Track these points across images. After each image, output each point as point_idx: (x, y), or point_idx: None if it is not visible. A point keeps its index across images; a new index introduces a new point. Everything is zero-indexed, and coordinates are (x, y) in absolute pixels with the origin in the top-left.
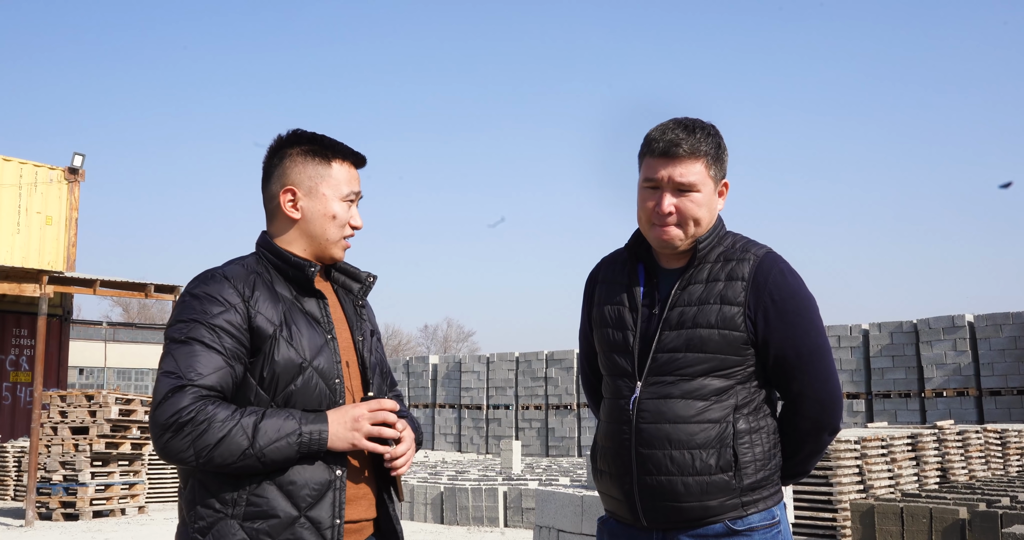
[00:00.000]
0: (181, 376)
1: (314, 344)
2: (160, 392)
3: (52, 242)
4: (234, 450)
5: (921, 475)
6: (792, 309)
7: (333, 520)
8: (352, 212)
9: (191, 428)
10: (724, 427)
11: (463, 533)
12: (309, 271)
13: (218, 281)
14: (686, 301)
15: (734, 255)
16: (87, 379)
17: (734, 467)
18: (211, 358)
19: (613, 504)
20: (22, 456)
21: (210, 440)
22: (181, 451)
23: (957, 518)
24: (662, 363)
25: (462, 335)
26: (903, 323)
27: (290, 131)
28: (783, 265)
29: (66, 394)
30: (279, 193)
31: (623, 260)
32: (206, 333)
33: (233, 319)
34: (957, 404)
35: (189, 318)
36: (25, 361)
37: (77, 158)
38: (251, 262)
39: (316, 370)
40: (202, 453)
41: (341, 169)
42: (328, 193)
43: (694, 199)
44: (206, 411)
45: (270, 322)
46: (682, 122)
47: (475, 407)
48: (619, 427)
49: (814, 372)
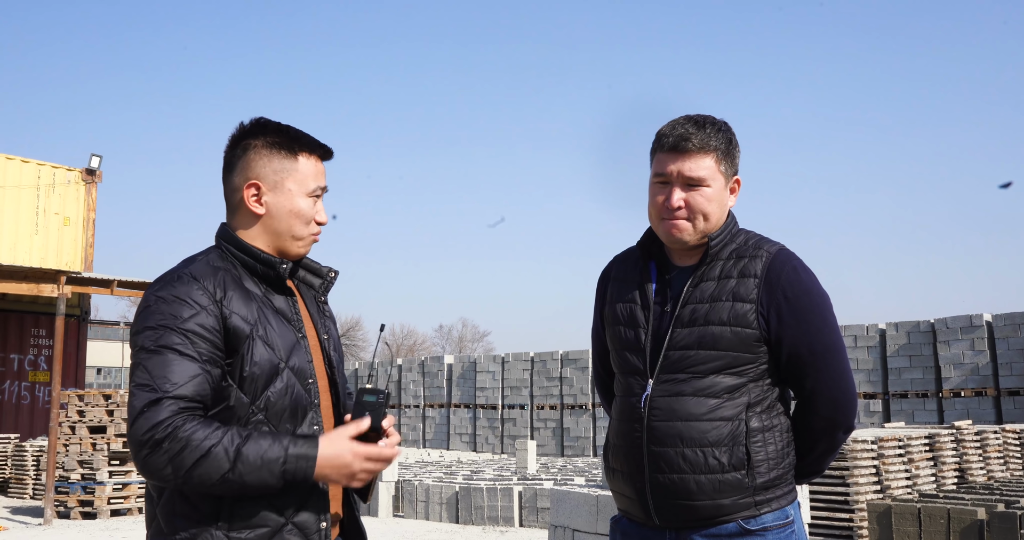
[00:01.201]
0: (155, 388)
1: (287, 342)
2: (135, 407)
3: (70, 243)
4: (213, 472)
5: (939, 475)
6: (805, 306)
7: (319, 524)
8: (318, 207)
9: (169, 445)
10: (736, 425)
11: (478, 533)
12: (281, 269)
13: (185, 282)
14: (698, 298)
15: (747, 252)
16: (104, 379)
17: (747, 465)
18: (185, 366)
19: (626, 503)
20: (40, 455)
21: (189, 459)
22: (160, 469)
23: (975, 519)
24: (674, 360)
25: (477, 335)
26: (920, 323)
27: (254, 120)
28: (796, 262)
29: (84, 394)
30: (243, 187)
31: (635, 258)
32: (177, 339)
33: (206, 322)
34: (975, 404)
35: (158, 324)
36: (43, 361)
37: (94, 159)
38: (215, 258)
39: (292, 370)
40: (180, 471)
41: (308, 163)
42: (294, 188)
43: (704, 194)
44: (184, 427)
45: (245, 321)
46: (693, 118)
47: (490, 407)
48: (631, 425)
49: (828, 370)
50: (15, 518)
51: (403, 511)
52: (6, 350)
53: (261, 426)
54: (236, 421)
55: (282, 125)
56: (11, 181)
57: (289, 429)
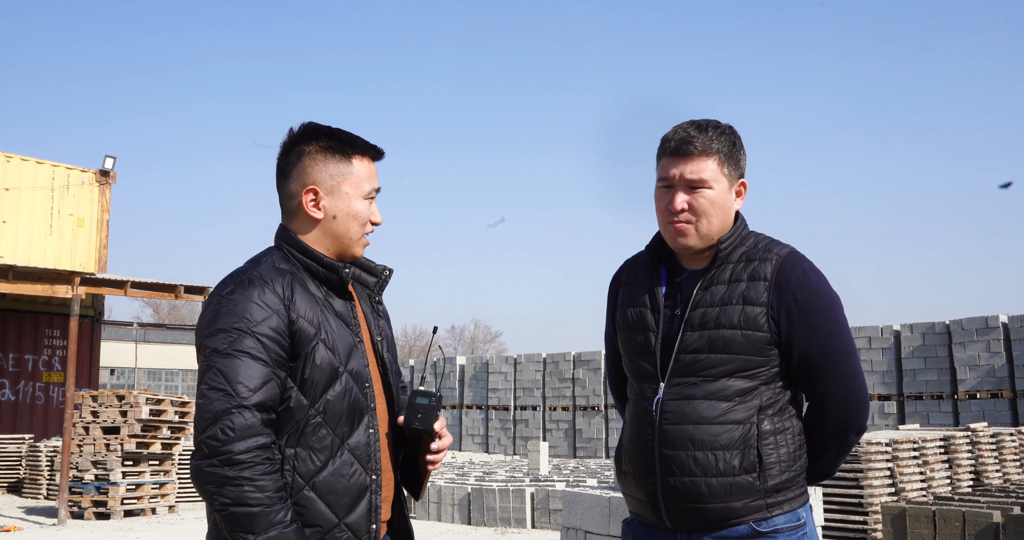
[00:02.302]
0: (232, 393)
1: (346, 346)
2: (211, 411)
3: (84, 244)
4: (242, 522)
5: (954, 478)
6: (816, 309)
7: (369, 525)
8: (372, 209)
9: (234, 473)
10: (748, 428)
11: (490, 534)
12: (344, 273)
13: (256, 284)
14: (708, 302)
15: (756, 255)
16: (118, 379)
17: (758, 468)
18: (259, 370)
19: (637, 506)
20: (55, 455)
21: (240, 499)
22: (209, 483)
23: (991, 522)
24: (685, 364)
25: (489, 336)
26: (935, 324)
27: (303, 125)
28: (806, 264)
29: (98, 394)
30: (301, 192)
31: (645, 262)
32: (251, 343)
33: (276, 325)
34: (991, 406)
35: (232, 327)
36: (57, 361)
37: (108, 160)
38: (279, 259)
39: (350, 374)
40: (220, 498)
41: (361, 165)
42: (350, 191)
43: (707, 196)
44: (258, 469)
45: (311, 324)
46: (696, 122)
47: (502, 408)
48: (642, 428)
49: (839, 372)
50: (29, 518)
51: (415, 512)
52: (20, 351)
53: (320, 429)
54: (295, 423)
55: (333, 129)
56: (26, 182)
57: (346, 432)
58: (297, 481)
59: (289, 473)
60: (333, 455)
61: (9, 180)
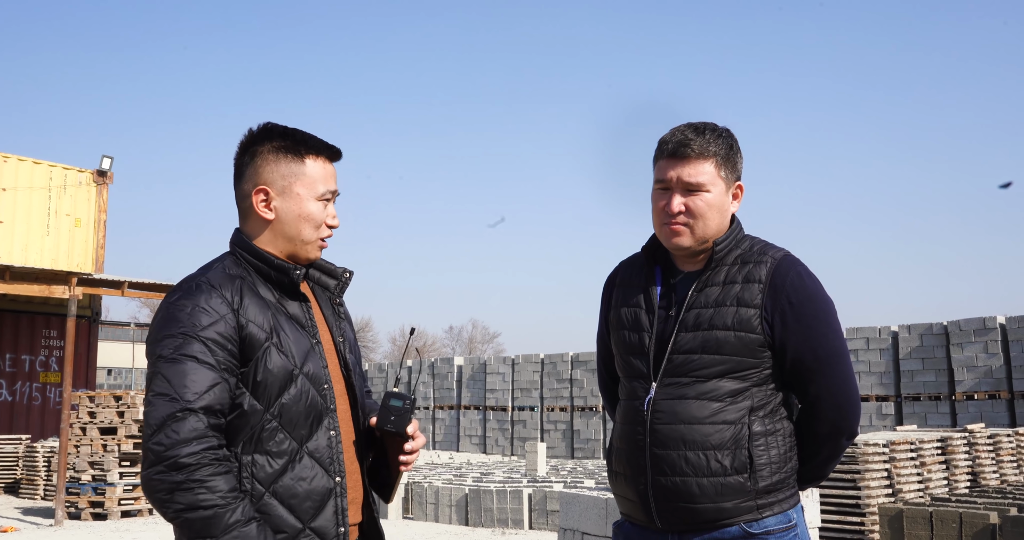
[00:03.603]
0: (177, 398)
1: (301, 349)
2: (157, 417)
3: (81, 244)
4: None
5: (951, 479)
6: (810, 312)
7: (337, 528)
8: (328, 210)
9: (183, 477)
10: (739, 428)
11: (488, 535)
12: (295, 275)
13: (204, 290)
14: (703, 303)
15: (751, 258)
16: (115, 380)
17: (749, 469)
18: (205, 375)
19: (628, 506)
20: (52, 456)
21: (192, 503)
22: (159, 491)
23: (988, 523)
24: (677, 364)
25: (487, 336)
26: (933, 325)
27: (261, 125)
28: (800, 268)
29: (95, 395)
30: (251, 193)
31: (641, 263)
32: (197, 347)
33: (224, 330)
34: (988, 407)
35: (178, 332)
36: (54, 362)
37: (105, 160)
38: (230, 265)
39: (306, 376)
40: (173, 504)
41: (315, 166)
42: (303, 192)
43: (704, 198)
44: (207, 471)
45: (261, 329)
46: (693, 124)
47: (500, 409)
48: (634, 428)
49: (832, 375)
50: (26, 519)
51: (413, 513)
52: (17, 351)
53: (276, 433)
54: (249, 428)
55: (288, 129)
56: (23, 182)
57: (304, 435)
58: (257, 488)
59: (248, 480)
60: (292, 459)
61: (6, 180)
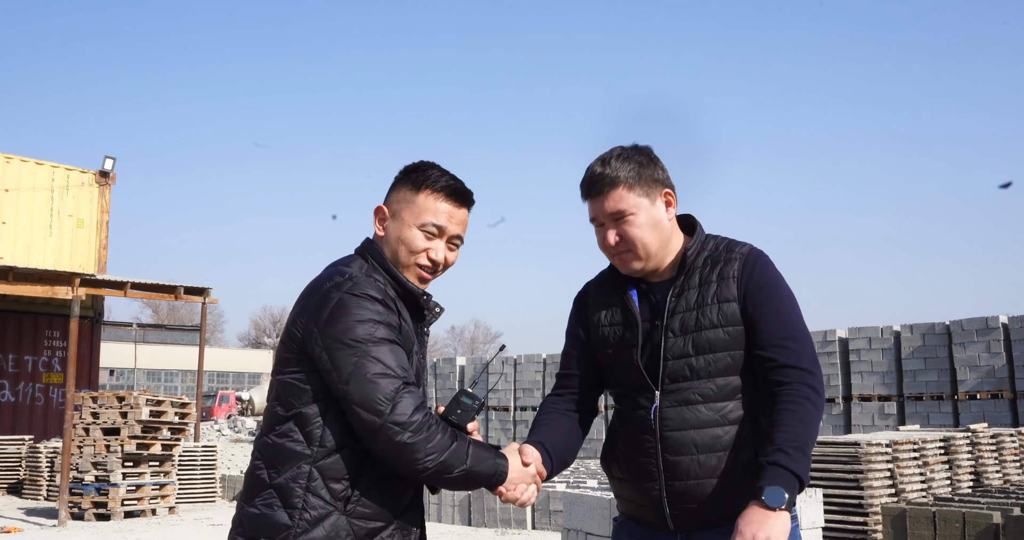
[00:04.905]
0: (398, 376)
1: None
2: (387, 391)
3: (84, 245)
4: (454, 462)
5: (954, 479)
6: (779, 292)
7: (413, 527)
8: (432, 244)
9: (427, 433)
10: (745, 426)
11: (491, 535)
12: (422, 301)
13: (372, 285)
14: (684, 307)
15: (720, 256)
16: (118, 380)
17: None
18: (402, 354)
19: (635, 509)
20: (55, 457)
21: (443, 445)
22: (416, 451)
23: (991, 523)
24: (674, 370)
25: (489, 336)
26: (935, 325)
27: (417, 162)
28: (766, 258)
29: (98, 395)
30: (375, 210)
31: (611, 281)
32: (388, 332)
33: (395, 321)
34: (991, 407)
35: (369, 318)
36: (57, 362)
37: (108, 161)
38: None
39: (416, 378)
40: (431, 454)
41: (428, 199)
42: (407, 219)
43: (632, 223)
44: (433, 422)
45: (411, 331)
46: (601, 157)
47: (502, 409)
48: (641, 436)
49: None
50: (29, 519)
51: None
52: (20, 352)
53: None
54: None
55: (427, 164)
56: (25, 183)
57: None
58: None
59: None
60: None
61: (9, 181)
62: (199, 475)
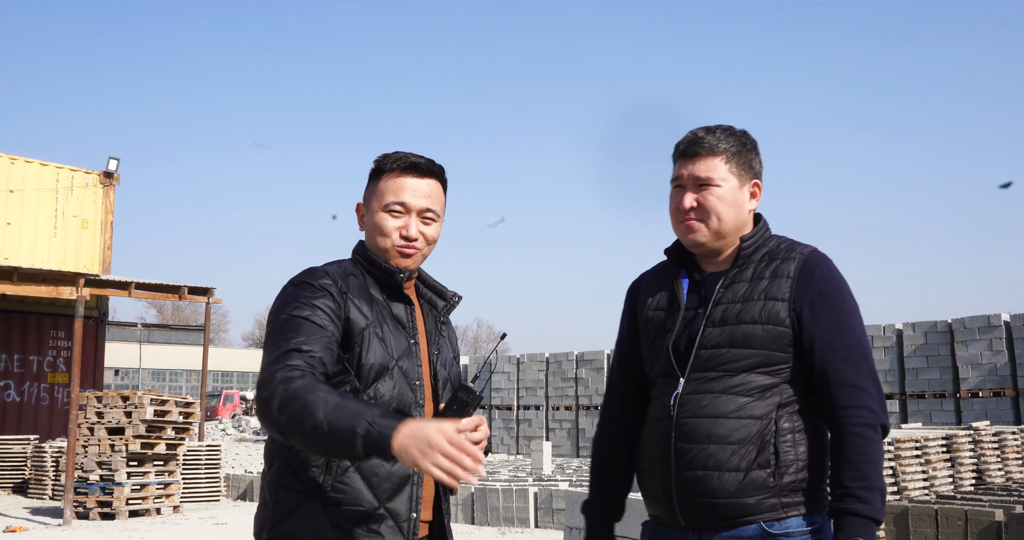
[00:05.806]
0: (288, 347)
1: (400, 346)
2: (266, 361)
3: (88, 245)
4: (307, 416)
5: (956, 477)
6: (839, 301)
7: (410, 513)
8: (402, 221)
9: (273, 386)
10: (766, 424)
11: (494, 534)
12: (398, 277)
13: (318, 273)
14: (730, 299)
15: (779, 254)
16: (122, 380)
17: (774, 464)
18: (314, 330)
19: (654, 505)
20: (60, 456)
21: (289, 394)
22: (264, 405)
23: (993, 520)
24: (705, 359)
25: (492, 336)
26: (937, 323)
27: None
28: (829, 261)
29: (102, 395)
30: (356, 208)
31: (665, 268)
32: (307, 311)
33: (331, 305)
34: (993, 405)
35: (291, 300)
36: (62, 362)
37: (112, 162)
38: (347, 265)
39: (401, 370)
40: (283, 410)
41: (387, 181)
42: (374, 206)
43: (715, 193)
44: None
45: (363, 316)
46: (707, 126)
47: (505, 408)
48: (660, 424)
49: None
50: (35, 519)
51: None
52: (25, 352)
53: None
54: None
55: (388, 154)
56: (30, 184)
57: None
58: (343, 462)
59: None
60: None
61: (13, 182)
62: (203, 474)
